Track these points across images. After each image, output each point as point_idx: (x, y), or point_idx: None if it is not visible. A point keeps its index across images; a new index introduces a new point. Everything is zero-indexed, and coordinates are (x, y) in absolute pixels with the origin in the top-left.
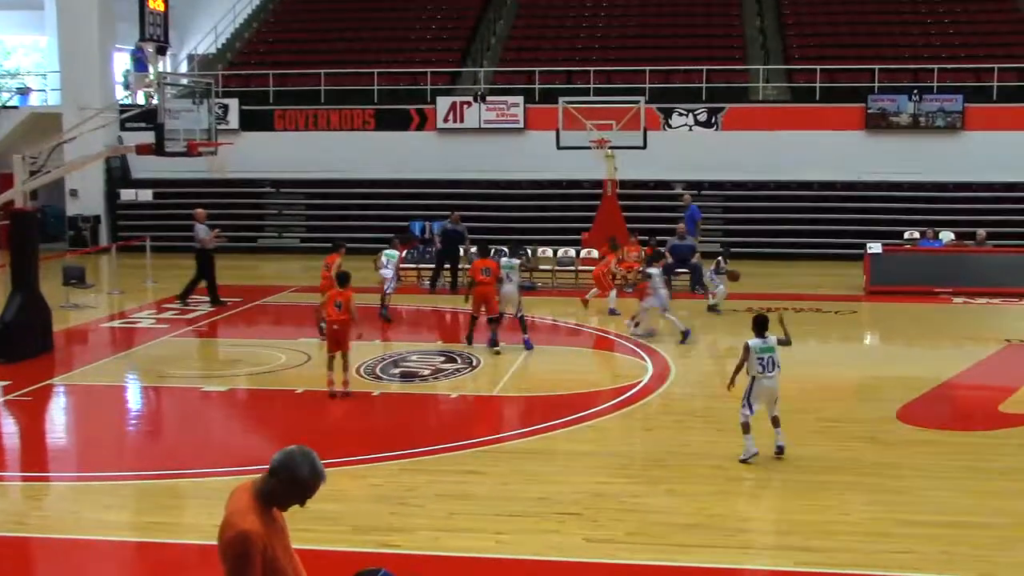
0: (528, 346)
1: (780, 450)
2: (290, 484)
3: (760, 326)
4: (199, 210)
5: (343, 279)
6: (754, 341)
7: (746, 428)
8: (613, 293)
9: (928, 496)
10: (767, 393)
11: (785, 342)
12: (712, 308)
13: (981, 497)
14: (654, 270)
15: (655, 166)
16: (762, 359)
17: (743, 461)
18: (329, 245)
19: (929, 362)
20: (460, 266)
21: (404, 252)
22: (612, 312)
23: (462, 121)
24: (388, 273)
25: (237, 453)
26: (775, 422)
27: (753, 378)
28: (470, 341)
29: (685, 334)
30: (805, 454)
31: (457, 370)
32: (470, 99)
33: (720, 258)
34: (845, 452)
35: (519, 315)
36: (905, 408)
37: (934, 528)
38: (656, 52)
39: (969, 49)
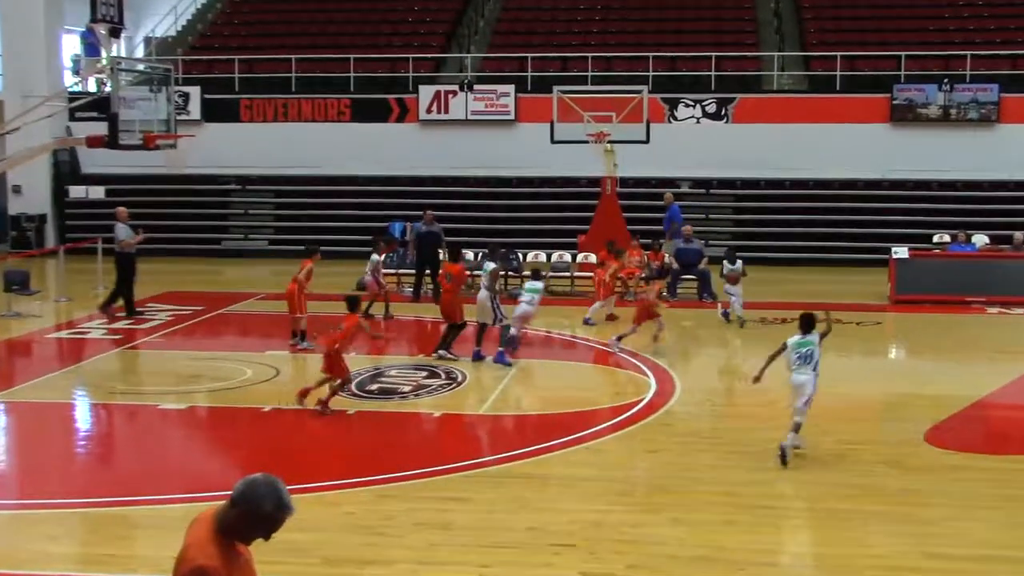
0: (499, 360)
1: (783, 455)
2: (252, 517)
3: (807, 325)
4: (120, 208)
5: (353, 304)
6: (793, 338)
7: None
8: (598, 304)
9: (959, 528)
10: (795, 389)
11: (825, 333)
12: (726, 316)
13: (1018, 529)
14: None
15: (659, 162)
16: (799, 352)
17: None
18: (302, 248)
19: (960, 379)
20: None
21: (384, 256)
22: (587, 322)
23: (447, 112)
24: (368, 279)
25: (197, 478)
26: (795, 427)
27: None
28: (441, 350)
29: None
30: (826, 479)
31: (441, 386)
32: (455, 88)
33: (725, 261)
34: (868, 478)
35: (497, 324)
36: (934, 430)
37: (966, 563)
38: (660, 37)
39: (1006, 34)
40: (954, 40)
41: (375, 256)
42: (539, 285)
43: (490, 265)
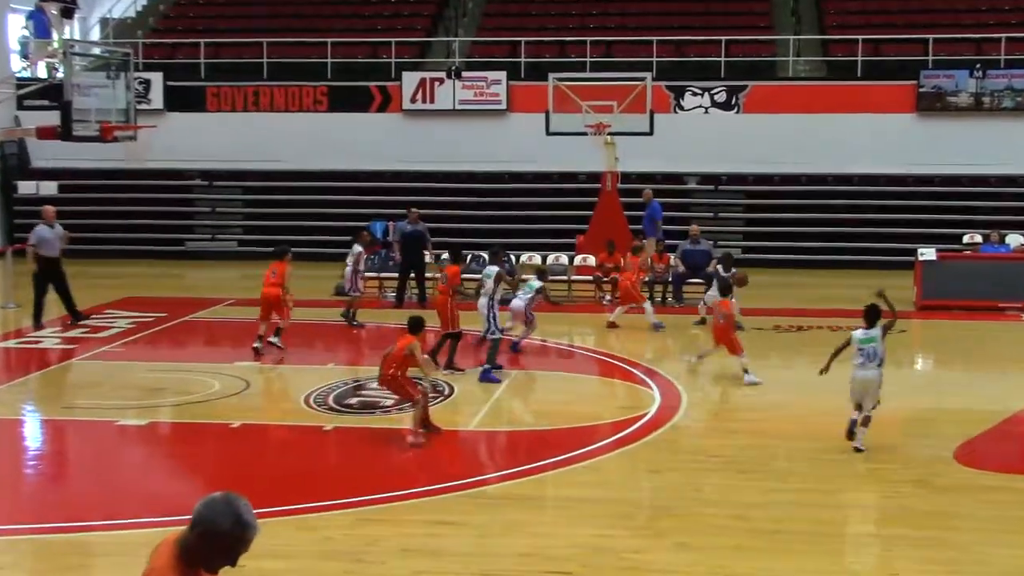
0: (485, 378)
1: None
2: (211, 539)
3: (871, 317)
4: (47, 207)
5: (416, 326)
6: (858, 332)
7: (850, 434)
8: (648, 305)
9: (992, 554)
10: (861, 386)
11: (890, 325)
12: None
13: None
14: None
15: (664, 156)
16: (863, 350)
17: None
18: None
19: (993, 392)
20: (428, 274)
21: (365, 257)
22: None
23: (433, 101)
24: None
25: (159, 501)
26: (865, 421)
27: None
28: (444, 366)
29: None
30: (846, 501)
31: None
32: (442, 75)
33: (719, 266)
34: (892, 500)
35: (487, 336)
36: (964, 447)
37: None
38: (665, 20)
39: None
40: (988, 22)
41: (357, 246)
42: (537, 284)
43: (493, 270)
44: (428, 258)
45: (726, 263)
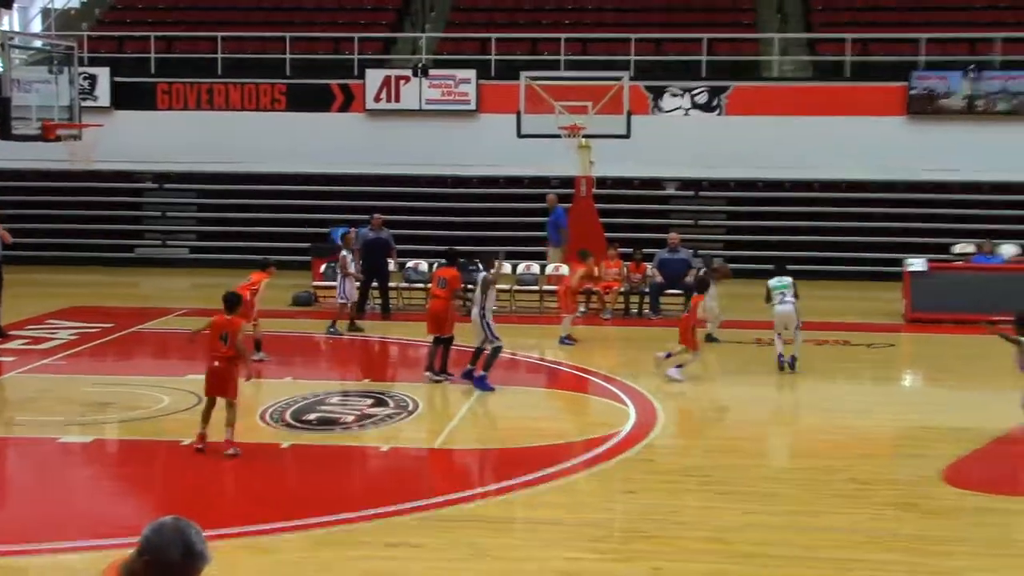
0: (480, 385)
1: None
2: (159, 568)
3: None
4: None
5: (232, 302)
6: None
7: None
8: (568, 319)
9: None
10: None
11: None
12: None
13: None
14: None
15: (642, 160)
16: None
17: None
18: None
19: (984, 410)
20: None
21: (323, 267)
22: (565, 341)
23: (398, 101)
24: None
25: (104, 523)
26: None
27: None
28: (437, 371)
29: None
30: (830, 524)
31: (389, 416)
32: (408, 73)
33: (700, 270)
34: (878, 522)
35: (488, 344)
36: (954, 467)
37: None
38: (644, 16)
39: None
40: (982, 21)
41: (344, 252)
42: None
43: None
44: (392, 266)
45: (708, 265)
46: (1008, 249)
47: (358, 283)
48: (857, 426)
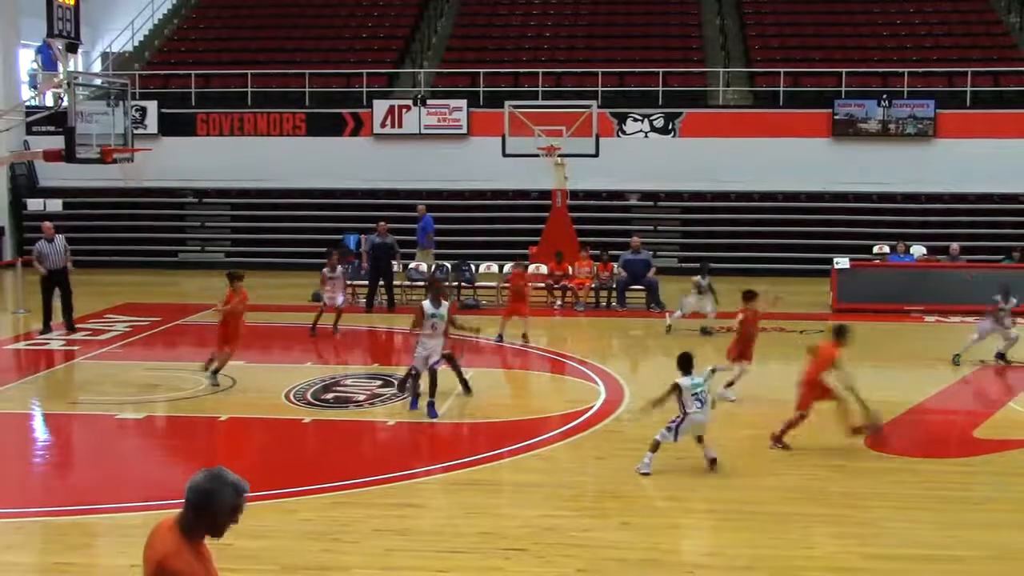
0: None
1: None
2: (221, 513)
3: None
4: (46, 223)
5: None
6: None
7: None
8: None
9: (897, 529)
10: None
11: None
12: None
13: (953, 529)
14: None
15: (608, 175)
16: (697, 395)
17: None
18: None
19: (899, 386)
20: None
21: (339, 268)
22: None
23: (400, 126)
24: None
25: (155, 486)
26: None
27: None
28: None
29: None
30: (768, 484)
31: (395, 395)
32: (409, 103)
33: (698, 276)
34: (812, 482)
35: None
36: (875, 435)
37: (904, 563)
38: (609, 53)
39: (941, 51)
40: (892, 57)
41: (325, 270)
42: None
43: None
44: (396, 267)
45: (703, 271)
46: (918, 250)
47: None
48: (791, 400)
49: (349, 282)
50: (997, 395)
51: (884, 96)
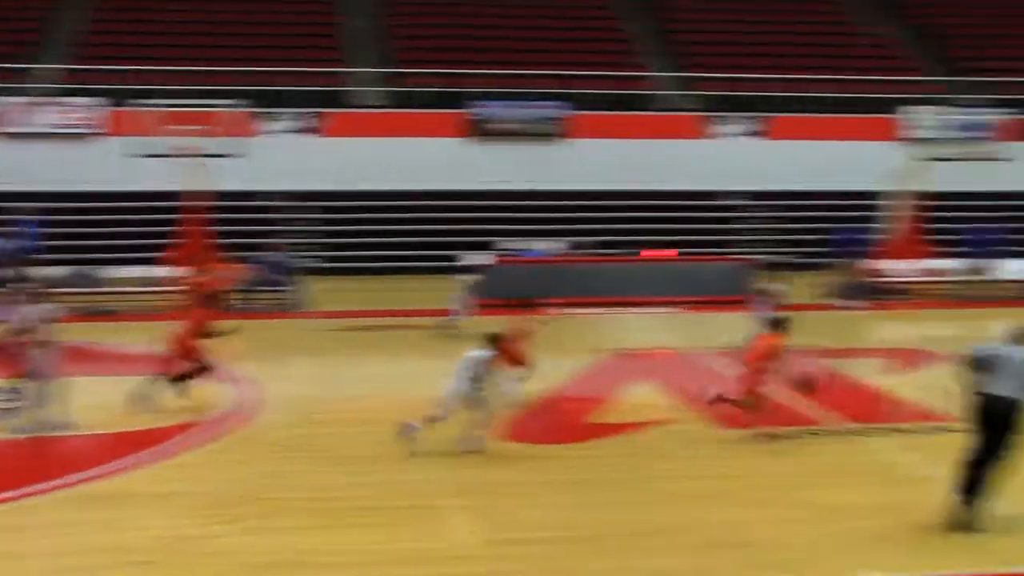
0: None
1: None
2: None
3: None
4: None
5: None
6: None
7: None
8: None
9: (525, 514)
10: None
11: None
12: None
13: (582, 510)
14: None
15: (251, 176)
16: None
17: None
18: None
19: (537, 376)
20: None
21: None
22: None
23: (28, 124)
24: None
25: None
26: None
27: None
28: None
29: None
30: (416, 478)
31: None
32: (39, 100)
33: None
34: (454, 472)
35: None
36: (515, 425)
37: (527, 546)
38: (251, 52)
39: (574, 55)
40: (527, 60)
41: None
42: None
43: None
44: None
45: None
46: (551, 245)
47: None
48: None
49: None
50: (614, 382)
51: (518, 98)
